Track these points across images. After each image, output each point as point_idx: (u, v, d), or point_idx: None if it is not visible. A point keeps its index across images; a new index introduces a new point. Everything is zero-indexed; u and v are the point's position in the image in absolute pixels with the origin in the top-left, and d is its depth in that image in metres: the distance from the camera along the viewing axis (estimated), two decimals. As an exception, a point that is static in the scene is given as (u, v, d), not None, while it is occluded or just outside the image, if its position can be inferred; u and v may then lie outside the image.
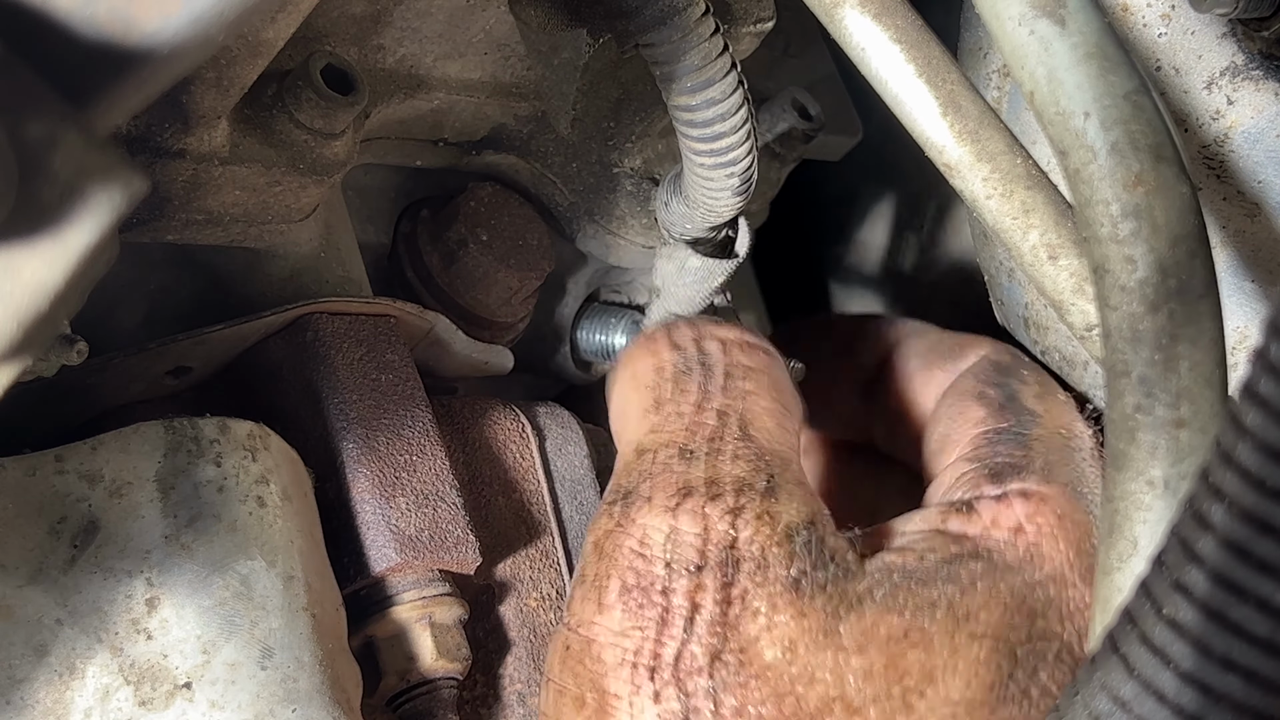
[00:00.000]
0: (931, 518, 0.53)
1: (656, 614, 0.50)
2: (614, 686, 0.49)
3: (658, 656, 0.49)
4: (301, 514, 0.53)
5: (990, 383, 0.60)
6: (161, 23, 0.29)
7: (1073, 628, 0.50)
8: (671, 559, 0.50)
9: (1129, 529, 0.37)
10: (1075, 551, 0.51)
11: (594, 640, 0.51)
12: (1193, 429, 0.36)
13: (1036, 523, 0.52)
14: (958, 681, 0.47)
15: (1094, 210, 0.38)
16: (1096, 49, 0.39)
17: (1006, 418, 0.58)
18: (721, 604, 0.49)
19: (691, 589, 0.50)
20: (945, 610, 0.49)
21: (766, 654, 0.48)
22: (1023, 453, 0.55)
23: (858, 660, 0.47)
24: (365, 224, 0.70)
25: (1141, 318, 0.36)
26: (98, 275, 0.30)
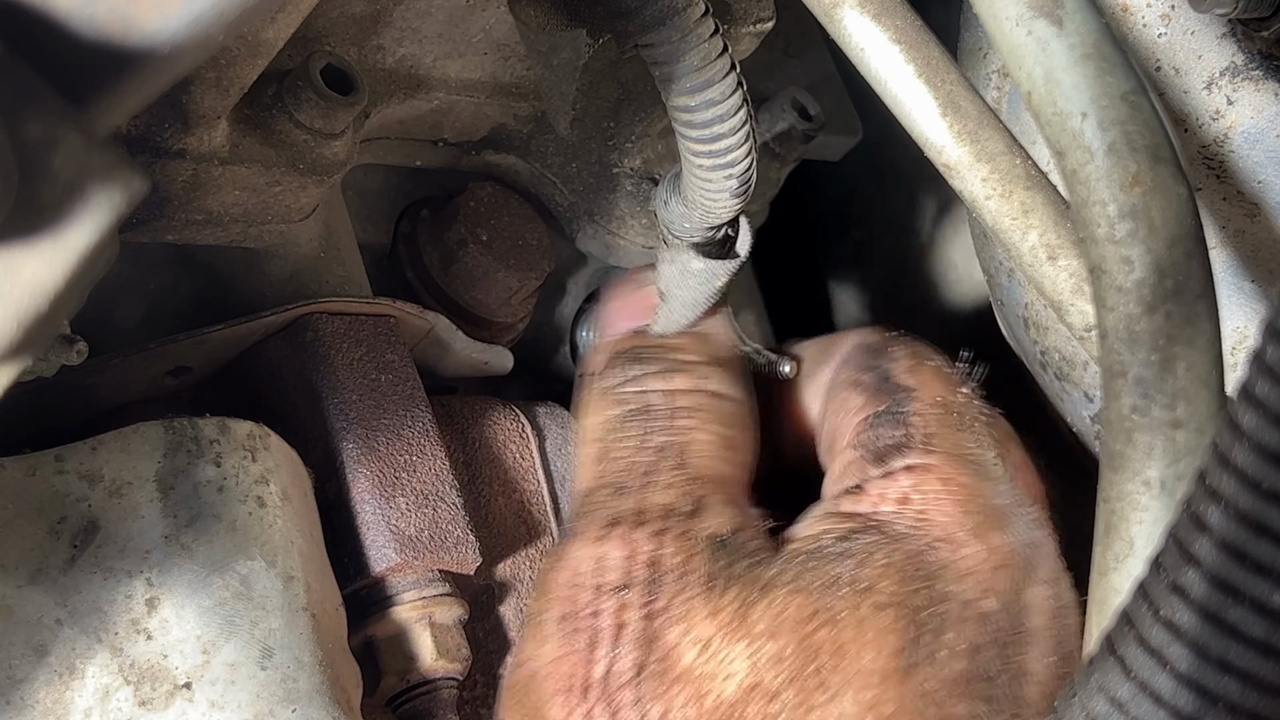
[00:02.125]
0: (826, 505, 0.55)
1: (587, 637, 0.51)
2: (551, 712, 0.51)
3: (589, 677, 0.51)
4: (301, 514, 0.53)
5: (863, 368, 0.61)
6: (161, 23, 0.29)
7: (971, 585, 0.51)
8: (599, 583, 0.52)
9: (1125, 530, 0.37)
10: (963, 511, 0.52)
11: (535, 673, 0.53)
12: (1189, 430, 0.36)
13: (921, 491, 0.53)
14: (867, 652, 0.48)
15: (1091, 211, 0.38)
16: (1094, 49, 0.39)
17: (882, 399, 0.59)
18: (645, 619, 0.51)
19: (617, 609, 0.52)
20: (848, 585, 0.50)
21: (686, 656, 0.50)
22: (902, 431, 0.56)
23: (770, 645, 0.49)
24: (365, 224, 0.70)
25: (1138, 318, 0.36)
26: (98, 275, 0.30)
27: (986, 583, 0.51)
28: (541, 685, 0.52)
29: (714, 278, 0.60)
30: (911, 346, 0.62)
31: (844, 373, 0.61)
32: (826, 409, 0.61)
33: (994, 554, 0.51)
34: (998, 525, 0.52)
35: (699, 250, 0.59)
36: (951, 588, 0.50)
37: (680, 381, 0.60)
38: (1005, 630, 0.50)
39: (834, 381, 0.62)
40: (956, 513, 0.52)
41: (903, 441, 0.56)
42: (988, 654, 0.49)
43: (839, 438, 0.59)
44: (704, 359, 0.62)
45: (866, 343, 0.62)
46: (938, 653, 0.49)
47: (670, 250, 0.60)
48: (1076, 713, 0.31)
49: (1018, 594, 0.51)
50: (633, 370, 0.61)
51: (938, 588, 0.50)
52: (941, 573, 0.51)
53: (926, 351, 0.62)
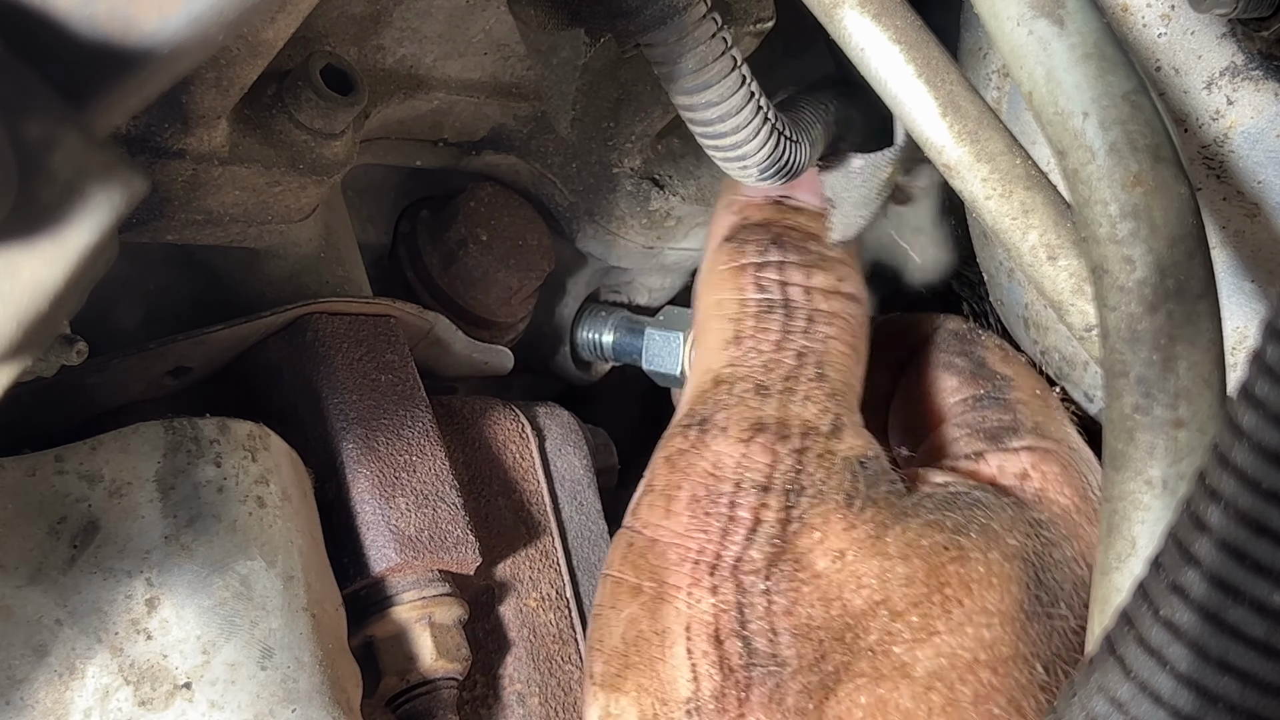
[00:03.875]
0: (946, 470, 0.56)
1: (722, 523, 0.52)
2: (674, 579, 0.52)
3: (719, 557, 0.51)
4: (301, 514, 0.53)
5: (955, 352, 0.61)
6: (161, 23, 0.29)
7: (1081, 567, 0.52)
8: (741, 480, 0.53)
9: (1127, 529, 0.37)
10: (1080, 498, 0.54)
11: (658, 540, 0.53)
12: (1191, 429, 0.36)
13: (1041, 470, 0.55)
14: (992, 594, 0.50)
15: (1092, 210, 0.38)
16: (1095, 49, 0.39)
17: (981, 384, 0.59)
18: (782, 521, 0.52)
19: (757, 505, 0.52)
20: (979, 530, 0.51)
21: (819, 563, 0.51)
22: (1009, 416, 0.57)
23: (902, 568, 0.50)
24: (365, 224, 0.70)
25: (1140, 318, 0.36)
26: (98, 275, 0.30)
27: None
28: (666, 552, 0.53)
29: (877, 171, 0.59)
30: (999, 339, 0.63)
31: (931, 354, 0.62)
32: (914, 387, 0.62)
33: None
34: None
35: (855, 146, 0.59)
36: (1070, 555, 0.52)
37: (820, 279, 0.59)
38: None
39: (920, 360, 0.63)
40: (1075, 498, 0.54)
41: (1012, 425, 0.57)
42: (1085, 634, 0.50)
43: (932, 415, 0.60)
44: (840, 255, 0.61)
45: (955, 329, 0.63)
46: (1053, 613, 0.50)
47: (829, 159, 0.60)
48: (1076, 713, 0.31)
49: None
50: (773, 254, 0.59)
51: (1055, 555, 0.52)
52: (1060, 544, 0.52)
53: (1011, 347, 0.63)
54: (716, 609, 0.50)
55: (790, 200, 0.61)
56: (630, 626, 0.52)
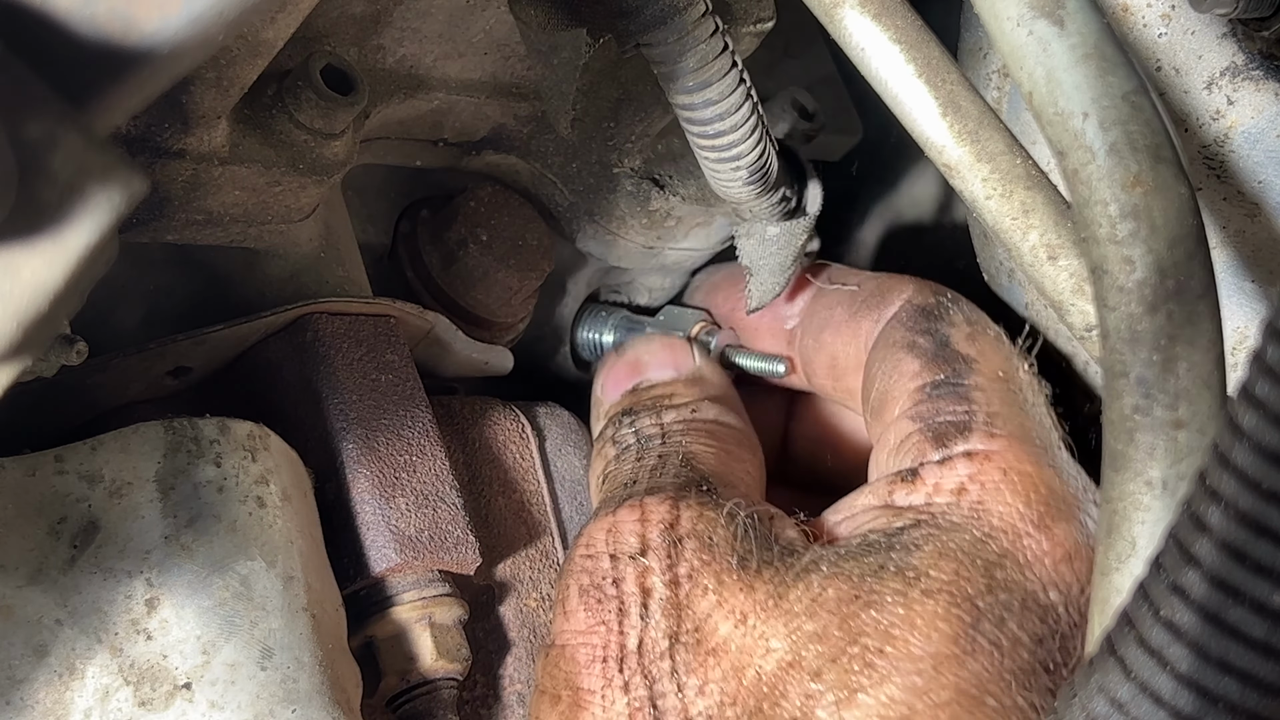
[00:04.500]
0: (880, 491, 0.54)
1: (614, 606, 0.51)
2: (587, 682, 0.51)
3: (623, 647, 0.50)
4: (301, 514, 0.53)
5: (920, 330, 0.59)
6: (161, 23, 0.29)
7: (1033, 575, 0.49)
8: (615, 550, 0.52)
9: (1127, 530, 0.37)
10: (1024, 502, 0.50)
11: (566, 645, 0.52)
12: (1191, 430, 0.36)
13: (980, 481, 0.51)
14: (916, 637, 0.46)
15: (1092, 211, 0.38)
16: (1095, 49, 0.39)
17: (941, 368, 0.56)
18: (671, 585, 0.50)
19: (639, 574, 0.51)
20: (894, 573, 0.48)
21: (721, 629, 0.49)
22: (964, 407, 0.54)
23: (810, 625, 0.47)
24: (365, 224, 0.70)
25: (1140, 318, 0.36)
26: (98, 275, 0.30)
27: (1049, 575, 0.49)
28: (574, 655, 0.52)
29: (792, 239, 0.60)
30: (970, 311, 0.60)
31: (896, 331, 0.60)
32: (877, 368, 0.60)
33: (1057, 546, 0.49)
34: (1063, 515, 0.50)
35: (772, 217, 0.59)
36: (1014, 577, 0.48)
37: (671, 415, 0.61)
38: (1066, 623, 0.48)
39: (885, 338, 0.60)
40: (1018, 503, 0.50)
41: (965, 421, 0.54)
42: (1050, 646, 0.47)
43: (891, 401, 0.57)
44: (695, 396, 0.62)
45: (921, 303, 0.60)
46: (1001, 642, 0.46)
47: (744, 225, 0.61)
48: (1076, 713, 0.31)
49: (1082, 586, 0.49)
50: (624, 420, 0.62)
51: (997, 576, 0.48)
52: (1001, 561, 0.49)
53: (984, 318, 0.60)
54: (630, 708, 0.49)
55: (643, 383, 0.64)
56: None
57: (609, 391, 0.66)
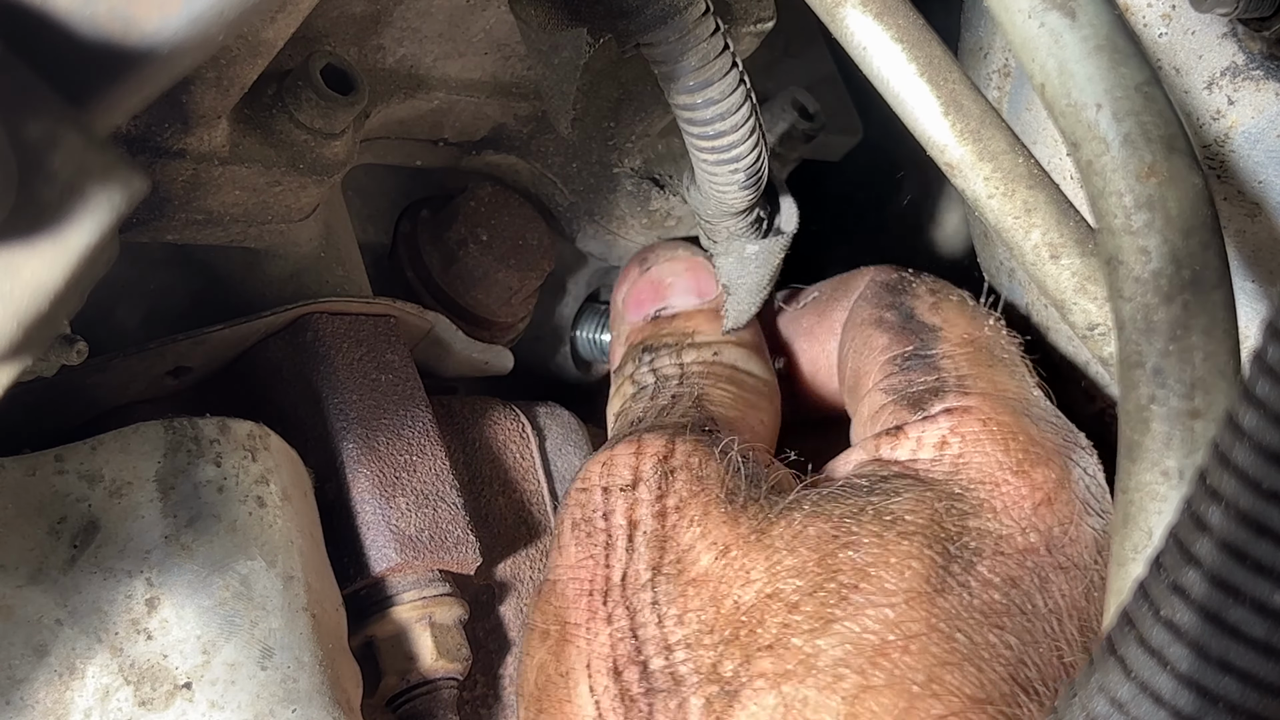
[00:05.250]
0: (867, 448, 0.55)
1: (602, 540, 0.52)
2: (573, 616, 0.51)
3: (608, 580, 0.51)
4: (301, 514, 0.53)
5: (885, 305, 0.60)
6: (161, 23, 0.29)
7: (1010, 520, 0.50)
8: (607, 483, 0.53)
9: (1143, 520, 0.36)
10: (1003, 450, 0.52)
11: (557, 580, 0.53)
12: (1207, 420, 0.36)
13: (960, 434, 0.52)
14: (890, 574, 0.47)
15: (1107, 202, 0.37)
16: (1107, 41, 0.38)
17: (909, 339, 0.58)
18: (658, 516, 0.51)
19: (628, 506, 0.52)
20: (872, 515, 0.49)
21: (702, 560, 0.50)
22: (934, 376, 0.55)
23: (790, 559, 0.49)
24: (365, 224, 0.70)
25: (1156, 309, 0.36)
26: (98, 275, 0.30)
27: (1028, 519, 0.50)
28: (563, 591, 0.52)
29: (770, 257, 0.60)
30: (933, 281, 0.61)
31: (863, 310, 0.61)
32: (848, 348, 0.61)
33: (1037, 490, 0.50)
34: (1042, 460, 0.51)
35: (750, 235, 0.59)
36: (988, 524, 0.50)
37: (691, 355, 0.61)
38: (1049, 565, 0.49)
39: (853, 318, 0.61)
40: (996, 452, 0.52)
41: (936, 386, 0.55)
42: (1027, 587, 0.48)
43: (863, 377, 0.58)
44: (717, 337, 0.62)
45: (885, 279, 0.61)
46: (969, 583, 0.48)
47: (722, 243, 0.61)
48: (1077, 713, 0.31)
49: (1065, 529, 0.50)
50: (645, 357, 0.62)
51: (971, 524, 0.49)
52: (978, 510, 0.50)
53: (947, 286, 0.61)
54: (612, 639, 0.50)
55: (665, 310, 0.64)
56: (540, 672, 0.52)
57: (630, 310, 0.65)
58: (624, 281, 0.67)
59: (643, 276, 0.66)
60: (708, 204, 0.58)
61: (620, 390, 0.62)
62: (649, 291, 0.65)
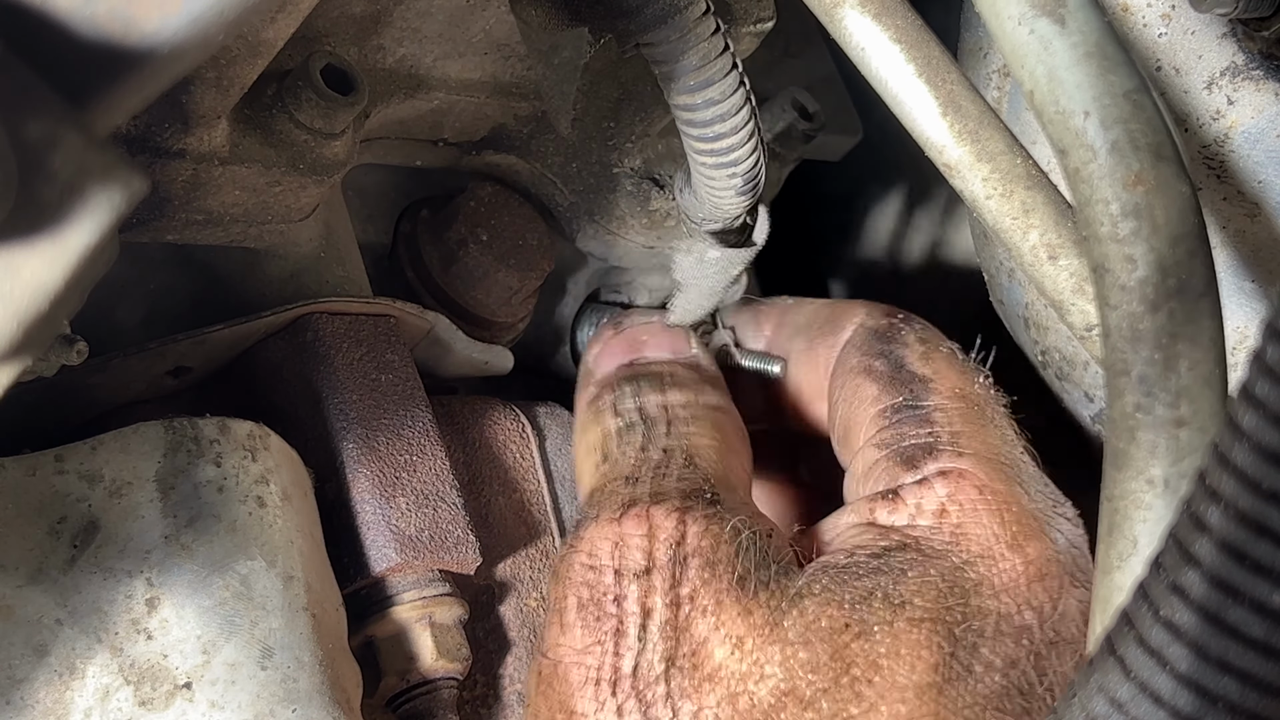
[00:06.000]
0: (861, 510, 0.54)
1: (612, 625, 0.51)
2: (580, 705, 0.50)
3: (617, 670, 0.50)
4: (301, 514, 0.53)
5: (874, 354, 0.60)
6: (161, 23, 0.29)
7: (1008, 599, 0.50)
8: (620, 566, 0.52)
9: (1129, 528, 0.37)
10: (999, 523, 0.52)
11: (560, 662, 0.52)
12: (1192, 428, 0.36)
13: (958, 501, 0.52)
14: (902, 667, 0.47)
15: (1094, 209, 0.38)
16: (1096, 48, 0.39)
17: (899, 390, 0.58)
18: (672, 606, 0.50)
19: (642, 594, 0.51)
20: (881, 600, 0.49)
21: (717, 654, 0.49)
22: (928, 429, 0.55)
23: (804, 653, 0.48)
24: (365, 224, 0.70)
25: (1141, 317, 0.36)
26: (98, 275, 0.30)
27: (1023, 596, 0.50)
28: (568, 676, 0.51)
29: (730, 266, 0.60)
30: (923, 330, 0.61)
31: (852, 357, 0.61)
32: (838, 395, 0.61)
33: (1030, 565, 0.51)
34: (1034, 534, 0.52)
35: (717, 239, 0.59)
36: (988, 603, 0.50)
37: (675, 395, 0.61)
38: (1042, 642, 0.49)
39: (842, 364, 0.61)
40: (993, 525, 0.52)
41: (930, 443, 0.55)
42: (1024, 667, 0.48)
43: (854, 429, 0.58)
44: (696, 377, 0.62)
45: (874, 325, 0.61)
46: (974, 668, 0.48)
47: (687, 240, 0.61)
48: (1076, 713, 0.31)
49: (1055, 603, 0.50)
50: (626, 388, 0.61)
51: (973, 603, 0.50)
52: (978, 588, 0.50)
53: (937, 336, 0.61)
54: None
55: (640, 360, 0.64)
56: None
57: (603, 364, 0.65)
58: (596, 342, 0.67)
59: (617, 335, 0.66)
60: (700, 208, 0.58)
61: (598, 420, 0.61)
62: (623, 347, 0.66)
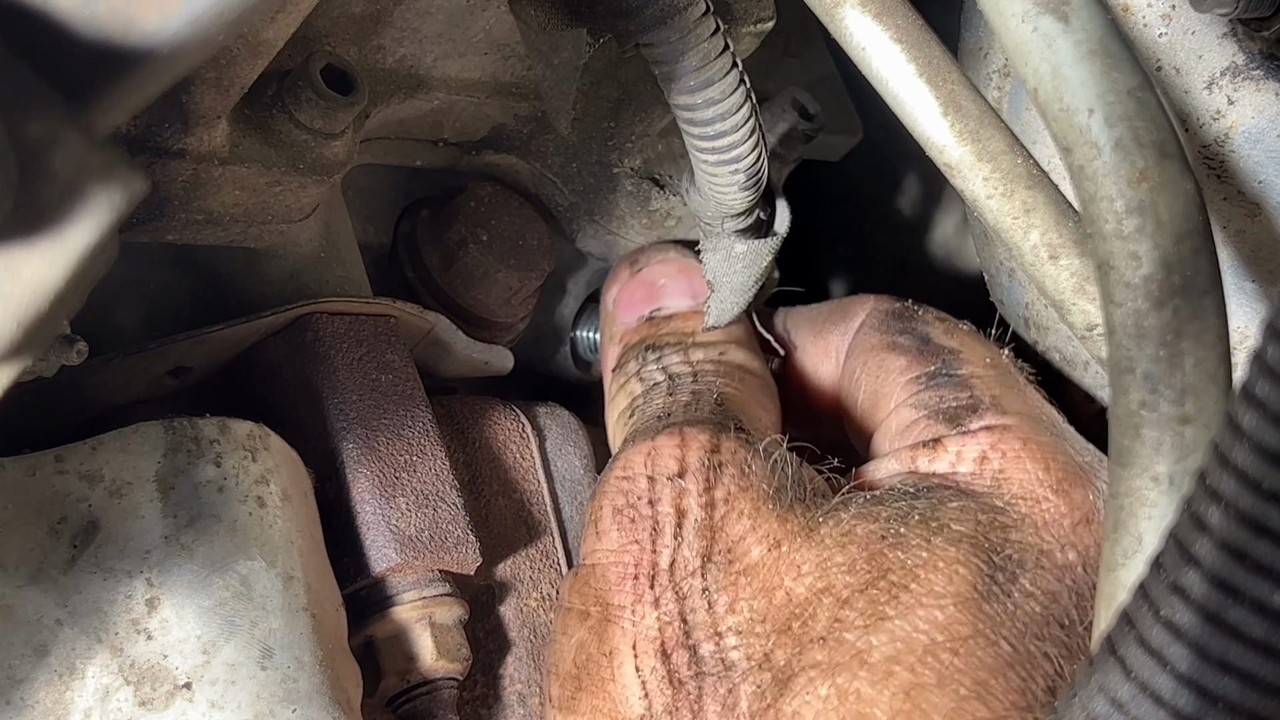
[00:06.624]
0: (902, 458, 0.55)
1: (648, 525, 0.52)
2: (616, 598, 0.51)
3: (655, 565, 0.51)
4: (301, 514, 0.53)
5: (896, 331, 0.60)
6: (161, 23, 0.29)
7: (1050, 536, 0.51)
8: (653, 472, 0.53)
9: (1134, 525, 0.37)
10: (1044, 469, 0.52)
11: (597, 563, 0.53)
12: (1197, 425, 0.36)
13: (1000, 449, 0.53)
14: (939, 577, 0.48)
15: (1098, 207, 0.38)
16: (1100, 45, 0.38)
17: (929, 360, 0.58)
18: (706, 507, 0.51)
19: (675, 495, 0.52)
20: (919, 519, 0.50)
21: (753, 551, 0.50)
22: (966, 393, 0.56)
23: (840, 555, 0.49)
24: (365, 224, 0.70)
25: (1146, 314, 0.36)
26: (98, 275, 0.30)
27: (1066, 536, 0.50)
28: (605, 573, 0.52)
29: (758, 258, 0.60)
30: (938, 312, 0.62)
31: (871, 337, 0.61)
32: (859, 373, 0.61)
33: (1076, 509, 0.51)
34: (1081, 482, 0.52)
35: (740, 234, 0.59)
36: (1029, 538, 0.50)
37: (699, 354, 0.61)
38: (1085, 583, 0.50)
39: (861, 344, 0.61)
40: (1038, 470, 0.52)
41: (970, 403, 0.55)
42: (1065, 602, 0.49)
43: (883, 398, 0.59)
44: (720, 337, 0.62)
45: (889, 308, 0.62)
46: (1012, 593, 0.48)
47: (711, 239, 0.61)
48: (1076, 713, 0.31)
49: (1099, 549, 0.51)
50: (650, 355, 0.61)
51: (1012, 536, 0.50)
52: (1019, 523, 0.51)
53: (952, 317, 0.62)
54: (660, 622, 0.50)
55: (660, 311, 0.64)
56: (580, 650, 0.52)
57: (623, 311, 0.65)
58: (614, 282, 0.67)
59: (634, 277, 0.66)
60: (707, 205, 0.58)
61: (626, 388, 0.62)
62: (642, 292, 0.65)
